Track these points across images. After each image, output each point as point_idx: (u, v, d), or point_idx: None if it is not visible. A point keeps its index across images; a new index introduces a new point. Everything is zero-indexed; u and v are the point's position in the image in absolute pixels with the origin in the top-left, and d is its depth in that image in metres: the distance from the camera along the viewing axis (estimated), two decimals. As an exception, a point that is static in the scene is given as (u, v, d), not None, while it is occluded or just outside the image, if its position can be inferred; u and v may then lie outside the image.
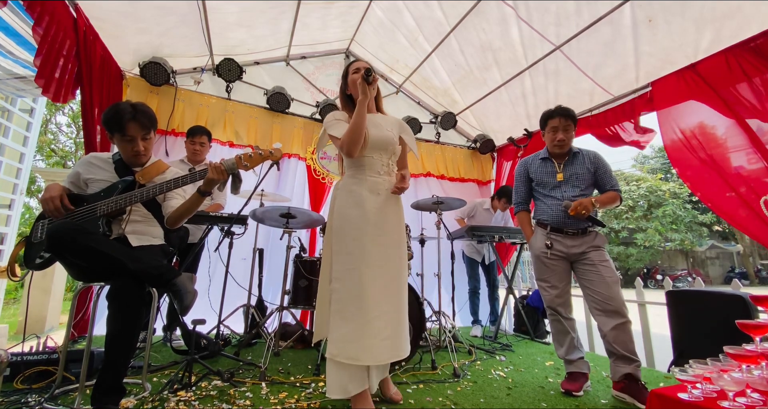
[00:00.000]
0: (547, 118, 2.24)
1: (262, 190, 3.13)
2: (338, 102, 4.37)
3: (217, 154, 3.67)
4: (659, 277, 16.01)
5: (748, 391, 1.15)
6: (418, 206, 3.35)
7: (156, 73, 3.38)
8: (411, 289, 2.31)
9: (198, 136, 3.01)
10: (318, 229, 3.55)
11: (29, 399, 1.69)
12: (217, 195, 3.09)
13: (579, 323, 2.22)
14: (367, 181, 1.74)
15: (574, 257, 2.11)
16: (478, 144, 5.04)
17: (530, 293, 3.92)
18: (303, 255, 3.16)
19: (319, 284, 1.80)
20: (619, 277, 2.04)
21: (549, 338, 3.68)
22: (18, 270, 1.75)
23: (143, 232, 1.78)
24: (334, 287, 1.63)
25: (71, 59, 2.62)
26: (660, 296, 2.63)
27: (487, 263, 3.99)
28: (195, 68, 3.79)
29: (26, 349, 2.04)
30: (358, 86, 1.64)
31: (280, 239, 2.88)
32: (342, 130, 1.69)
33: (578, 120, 3.91)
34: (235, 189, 1.82)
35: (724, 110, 2.67)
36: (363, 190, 1.71)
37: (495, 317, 3.82)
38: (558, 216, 2.13)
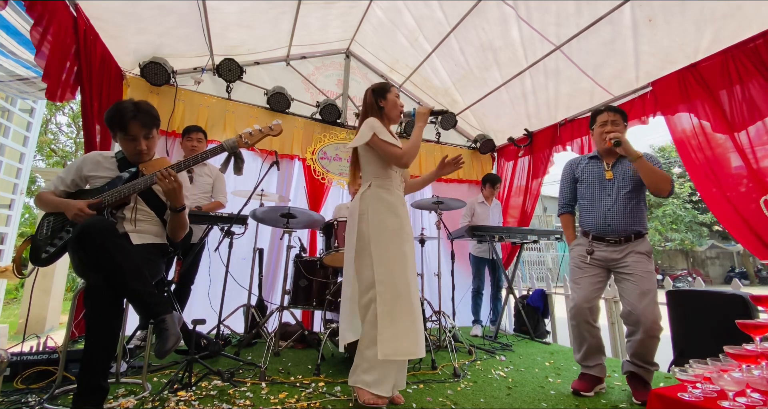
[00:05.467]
0: (595, 114, 2.19)
1: (262, 190, 3.13)
2: (338, 102, 4.40)
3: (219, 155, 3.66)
4: (659, 277, 16.01)
5: (748, 391, 1.15)
6: (419, 206, 3.35)
7: (156, 73, 3.38)
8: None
9: (194, 133, 3.01)
10: (319, 229, 3.55)
11: (29, 399, 1.69)
12: (217, 193, 3.09)
13: (602, 328, 2.13)
14: (395, 191, 1.90)
15: (612, 263, 2.03)
16: (478, 144, 5.04)
17: (530, 293, 3.92)
18: (303, 255, 3.16)
19: (346, 289, 1.86)
20: (651, 288, 1.90)
21: (549, 338, 3.68)
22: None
23: (146, 230, 1.78)
24: (378, 290, 1.71)
25: (71, 58, 2.62)
26: (660, 296, 2.63)
27: (495, 259, 3.99)
28: (195, 68, 3.79)
29: (26, 349, 2.04)
30: (422, 117, 1.94)
31: (280, 238, 2.88)
32: (394, 140, 1.87)
33: (579, 120, 3.96)
34: (238, 169, 1.84)
35: (720, 111, 2.67)
36: (394, 199, 1.87)
37: (496, 317, 3.82)
38: (600, 225, 2.07)
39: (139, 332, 2.62)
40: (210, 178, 3.07)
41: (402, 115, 2.02)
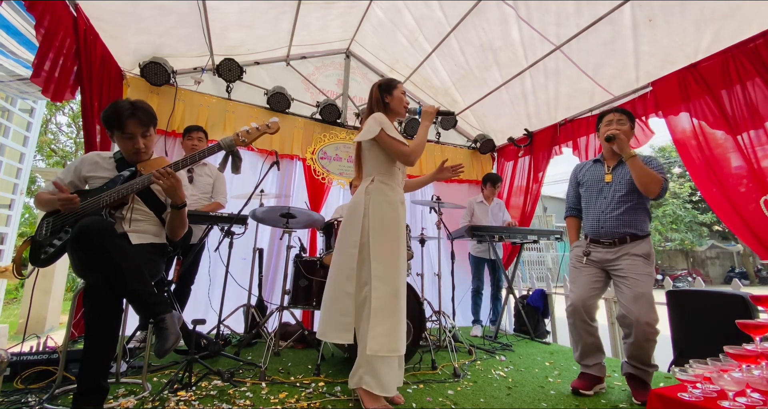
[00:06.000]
0: (601, 116, 2.20)
1: (262, 190, 3.13)
2: (338, 102, 4.39)
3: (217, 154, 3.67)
4: (659, 277, 16.00)
5: (748, 391, 1.15)
6: (419, 203, 3.34)
7: (156, 73, 3.38)
8: (411, 289, 2.32)
9: (194, 132, 3.03)
10: (319, 229, 3.55)
11: (29, 399, 1.69)
12: (217, 193, 3.09)
13: (601, 327, 2.14)
14: (396, 189, 1.90)
15: (606, 264, 2.05)
16: (478, 144, 5.04)
17: (530, 292, 3.92)
18: (303, 255, 3.16)
19: (337, 282, 1.80)
20: (645, 291, 1.89)
21: (549, 338, 3.68)
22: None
23: (145, 230, 1.78)
24: (374, 285, 1.70)
25: (71, 58, 2.62)
26: (660, 295, 2.63)
27: (494, 259, 3.99)
28: (195, 68, 3.79)
29: (26, 349, 2.04)
30: (428, 116, 1.97)
31: (280, 238, 2.88)
32: (401, 137, 1.87)
33: (579, 120, 3.96)
34: (236, 168, 1.83)
35: (720, 111, 2.67)
36: (396, 196, 1.87)
37: (496, 317, 3.82)
38: (594, 227, 2.11)
39: (138, 333, 2.62)
40: (210, 178, 3.07)
41: (407, 112, 2.02)
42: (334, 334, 1.71)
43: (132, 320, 2.40)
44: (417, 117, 2.03)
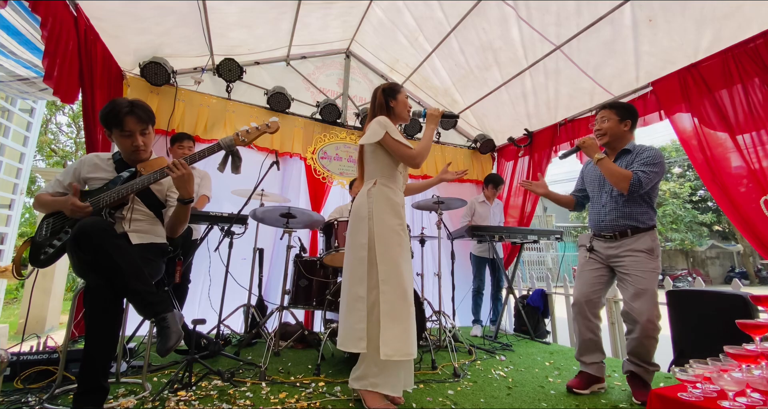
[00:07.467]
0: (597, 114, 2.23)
1: (263, 190, 3.13)
2: (339, 102, 4.39)
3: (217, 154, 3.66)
4: (659, 277, 15.95)
5: (748, 391, 1.15)
6: (419, 206, 3.35)
7: (156, 73, 3.38)
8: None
9: (186, 140, 3.06)
10: (319, 229, 3.56)
11: (29, 399, 1.69)
12: (202, 188, 3.08)
13: (602, 327, 2.15)
14: (398, 192, 1.91)
15: (611, 260, 2.06)
16: (478, 144, 5.04)
17: (530, 292, 3.92)
18: (303, 255, 3.16)
19: (350, 287, 1.77)
20: (647, 288, 1.90)
21: (549, 338, 3.68)
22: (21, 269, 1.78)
23: (145, 230, 1.78)
24: (382, 289, 1.70)
25: (75, 59, 2.62)
26: (660, 296, 2.63)
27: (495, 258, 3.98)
28: (195, 68, 3.79)
29: (26, 349, 2.04)
30: (433, 119, 1.99)
31: (281, 238, 2.88)
32: (406, 140, 1.88)
33: (579, 120, 3.95)
34: (236, 167, 1.83)
35: (720, 111, 2.67)
36: (398, 199, 1.89)
37: (496, 317, 3.82)
38: (596, 221, 2.15)
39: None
40: (198, 178, 3.08)
41: (411, 115, 2.03)
42: (352, 343, 1.69)
43: (132, 320, 2.40)
44: (421, 120, 2.03)
